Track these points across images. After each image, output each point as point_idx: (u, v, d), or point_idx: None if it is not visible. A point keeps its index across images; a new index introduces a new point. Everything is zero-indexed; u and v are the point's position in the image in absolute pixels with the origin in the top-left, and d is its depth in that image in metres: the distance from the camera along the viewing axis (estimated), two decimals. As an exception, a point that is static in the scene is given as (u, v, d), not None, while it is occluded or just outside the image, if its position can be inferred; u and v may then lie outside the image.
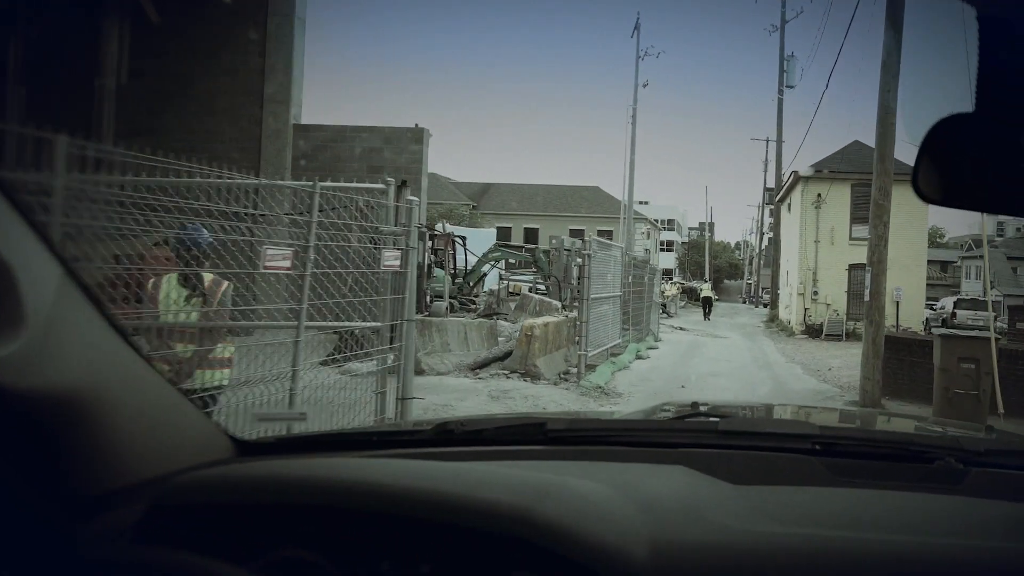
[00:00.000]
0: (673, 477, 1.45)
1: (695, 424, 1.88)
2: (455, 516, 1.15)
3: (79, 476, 1.18)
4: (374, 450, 1.66)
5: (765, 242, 70.05)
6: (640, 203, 78.95)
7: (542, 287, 25.48)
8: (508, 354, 13.42)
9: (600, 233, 59.88)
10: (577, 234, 60.83)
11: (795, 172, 31.32)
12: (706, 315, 39.49)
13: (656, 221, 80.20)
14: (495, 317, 22.12)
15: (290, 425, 4.45)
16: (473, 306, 26.09)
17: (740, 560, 1.14)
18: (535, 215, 57.87)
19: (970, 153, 1.07)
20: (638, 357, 18.42)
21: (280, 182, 11.79)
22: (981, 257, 56.67)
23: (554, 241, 24.87)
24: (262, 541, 1.17)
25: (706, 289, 42.99)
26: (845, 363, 21.23)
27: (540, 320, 13.97)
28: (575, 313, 15.21)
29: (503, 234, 51.17)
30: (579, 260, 15.92)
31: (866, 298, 13.88)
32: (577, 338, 13.94)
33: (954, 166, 1.09)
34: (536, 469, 1.44)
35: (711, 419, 1.85)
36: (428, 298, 18.29)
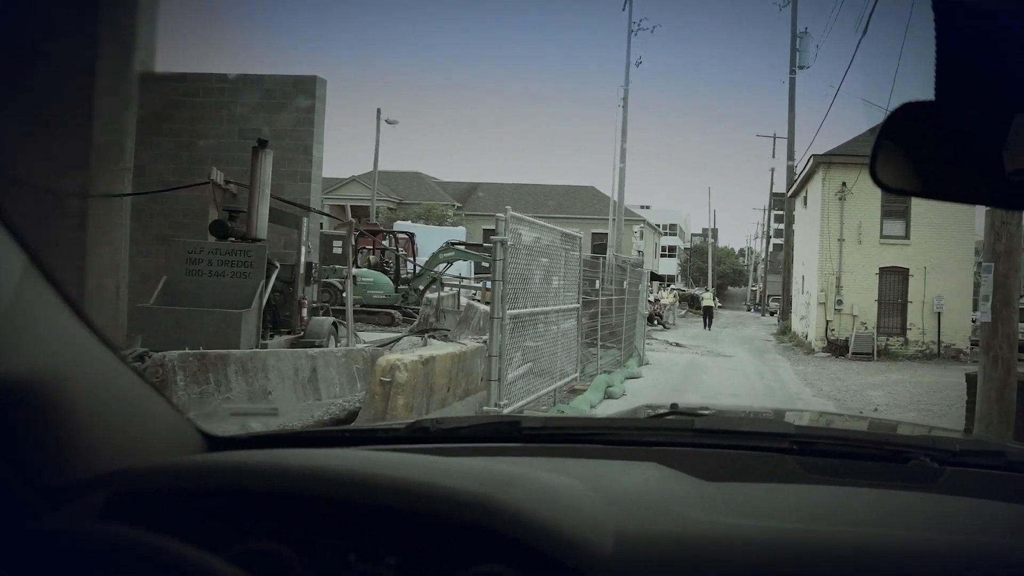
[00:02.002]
0: (645, 473, 1.41)
1: (671, 423, 1.81)
2: (418, 503, 1.11)
3: (42, 466, 1.10)
4: (347, 446, 1.57)
5: (771, 247, 64.28)
6: (641, 207, 73.05)
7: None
8: (354, 415, 7.47)
9: (595, 235, 54.10)
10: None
11: (814, 156, 25.20)
12: (707, 325, 35.46)
13: (658, 226, 74.17)
14: (427, 335, 16.18)
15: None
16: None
17: (705, 551, 1.11)
18: (527, 216, 51.87)
19: (929, 140, 1.02)
20: (608, 396, 12.42)
21: None
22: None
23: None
24: (228, 532, 1.10)
25: (707, 298, 38.90)
26: (892, 398, 15.38)
27: (419, 353, 7.99)
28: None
29: (489, 236, 45.33)
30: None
31: (979, 316, 7.79)
32: (490, 380, 7.95)
33: (913, 153, 1.04)
34: (508, 464, 1.37)
35: (688, 418, 1.78)
36: (304, 312, 12.34)
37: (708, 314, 36.47)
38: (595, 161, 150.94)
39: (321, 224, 17.68)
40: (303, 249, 12.17)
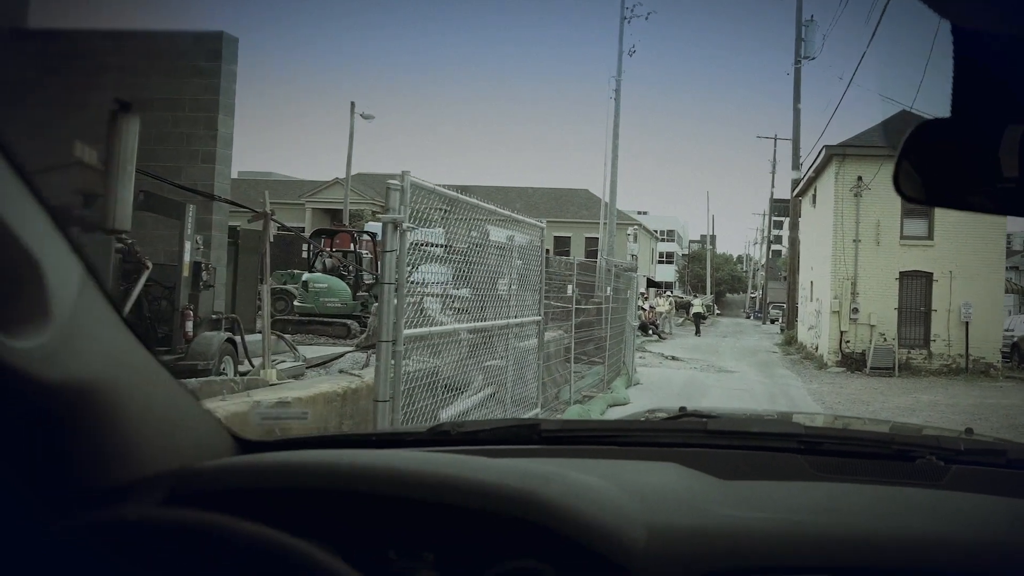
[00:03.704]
0: (665, 472, 1.44)
1: (685, 424, 1.84)
2: (460, 497, 1.12)
3: (91, 467, 1.11)
4: (375, 448, 1.57)
5: (771, 252, 61.46)
6: (638, 213, 70.15)
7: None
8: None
9: (588, 240, 51.21)
10: (563, 241, 52.13)
11: (827, 147, 22.26)
12: (697, 331, 35.26)
13: (655, 231, 71.30)
14: (371, 353, 13.19)
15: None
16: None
17: (728, 543, 1.15)
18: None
19: (947, 155, 1.09)
20: (582, 433, 9.45)
21: None
22: (1017, 268, 47.86)
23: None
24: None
25: (697, 304, 38.89)
26: (929, 425, 12.53)
27: (257, 396, 5.07)
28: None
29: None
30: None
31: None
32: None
33: (933, 167, 1.11)
34: (541, 464, 1.37)
35: (700, 420, 1.82)
36: (190, 325, 9.42)
37: (699, 320, 36.62)
38: (589, 164, 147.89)
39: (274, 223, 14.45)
40: (187, 245, 9.25)
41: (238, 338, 10.85)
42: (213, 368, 9.07)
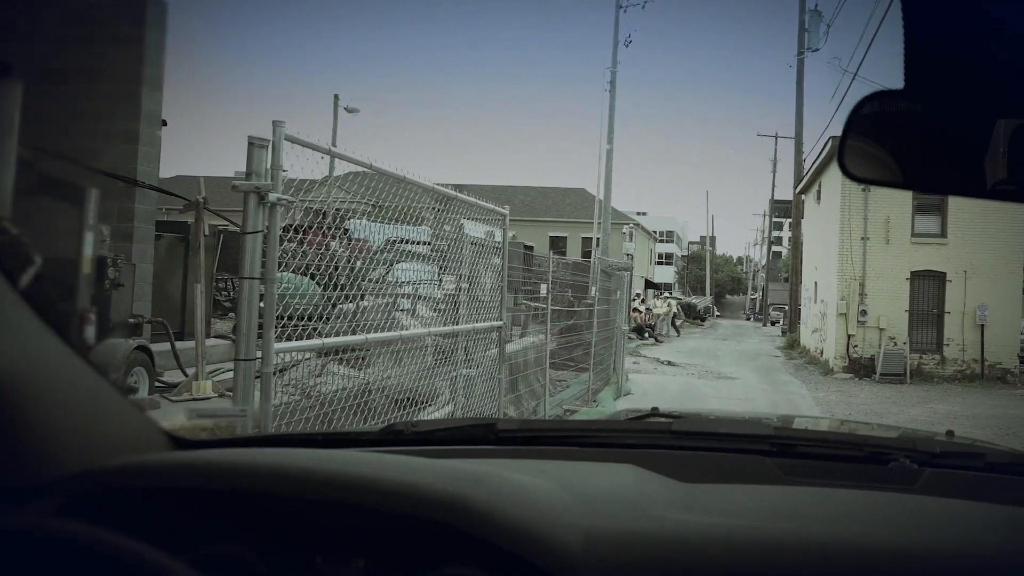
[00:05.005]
0: (620, 474, 1.38)
1: (649, 425, 1.78)
2: (385, 502, 1.07)
3: (4, 467, 1.06)
4: (318, 448, 1.47)
5: (772, 253, 59.96)
6: (637, 214, 68.54)
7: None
8: None
9: (584, 240, 49.65)
10: (559, 241, 50.56)
11: (833, 139, 20.72)
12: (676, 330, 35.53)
13: (654, 232, 69.73)
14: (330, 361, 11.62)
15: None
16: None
17: (677, 549, 1.08)
18: (512, 219, 47.52)
19: (897, 129, 1.03)
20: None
21: None
22: None
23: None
24: (193, 533, 1.07)
25: (673, 304, 38.74)
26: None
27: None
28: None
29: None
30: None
31: None
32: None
33: (881, 142, 1.04)
34: (480, 464, 1.31)
35: (667, 420, 1.76)
36: (91, 331, 7.89)
37: (673, 321, 36.27)
38: (586, 165, 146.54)
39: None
40: (88, 237, 7.75)
41: (165, 345, 9.36)
42: (118, 381, 7.54)
